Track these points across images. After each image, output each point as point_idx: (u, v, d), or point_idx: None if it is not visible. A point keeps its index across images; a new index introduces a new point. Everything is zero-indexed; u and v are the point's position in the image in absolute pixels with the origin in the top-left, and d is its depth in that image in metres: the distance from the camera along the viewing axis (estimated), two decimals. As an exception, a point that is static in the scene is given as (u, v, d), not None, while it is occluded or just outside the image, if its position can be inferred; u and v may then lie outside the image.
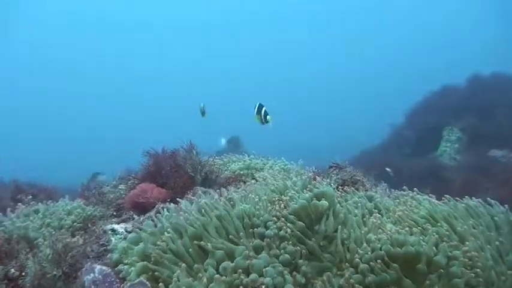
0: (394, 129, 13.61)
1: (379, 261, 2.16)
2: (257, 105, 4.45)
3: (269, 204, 2.51)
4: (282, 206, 2.43)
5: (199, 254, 2.31)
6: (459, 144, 9.93)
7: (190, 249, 2.30)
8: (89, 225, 3.08)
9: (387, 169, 7.93)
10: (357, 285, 2.09)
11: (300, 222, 2.35)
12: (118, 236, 3.02)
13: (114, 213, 3.54)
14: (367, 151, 13.18)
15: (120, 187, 4.16)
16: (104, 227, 3.13)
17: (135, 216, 3.38)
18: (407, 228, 2.33)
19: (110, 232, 3.07)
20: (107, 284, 1.96)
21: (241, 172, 4.10)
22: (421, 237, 2.27)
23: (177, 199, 2.85)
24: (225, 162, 4.44)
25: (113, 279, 2.00)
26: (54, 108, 32.26)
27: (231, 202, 2.59)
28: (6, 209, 3.05)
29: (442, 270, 2.10)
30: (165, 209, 2.73)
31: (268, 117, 4.39)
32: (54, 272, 2.30)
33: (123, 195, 3.85)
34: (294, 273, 2.17)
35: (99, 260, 2.49)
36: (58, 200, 3.46)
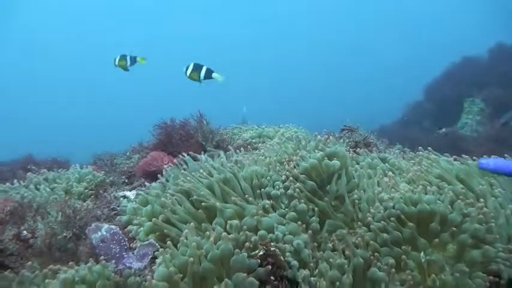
0: (413, 103, 13.21)
1: (392, 218, 2.09)
2: (191, 65, 4.31)
3: (279, 165, 2.45)
4: (292, 165, 2.36)
5: (207, 215, 2.28)
6: (481, 115, 9.59)
7: (199, 210, 2.26)
8: (100, 192, 3.09)
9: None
10: (371, 242, 2.03)
11: (310, 182, 2.29)
12: (130, 202, 3.01)
13: (126, 181, 3.54)
14: (385, 126, 12.87)
15: (133, 158, 4.17)
16: (115, 193, 3.14)
17: (147, 184, 3.37)
18: (421, 187, 2.24)
19: (121, 199, 3.08)
20: (114, 242, 1.95)
21: (253, 140, 4.04)
22: (436, 196, 2.18)
23: (184, 157, 2.81)
24: (236, 132, 4.39)
25: (121, 237, 1.98)
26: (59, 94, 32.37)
27: (238, 165, 2.54)
28: (14, 179, 3.06)
29: (454, 229, 2.02)
30: (171, 173, 2.69)
31: (214, 74, 4.30)
32: (65, 234, 2.31)
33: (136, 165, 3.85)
34: (303, 226, 2.12)
35: (109, 223, 2.49)
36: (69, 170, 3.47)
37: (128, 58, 4.76)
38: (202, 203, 2.23)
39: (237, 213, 2.18)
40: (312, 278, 1.97)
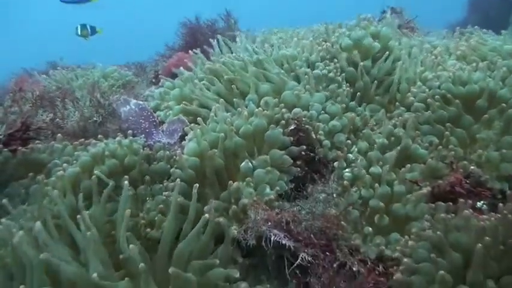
0: (456, 21, 12.11)
1: (437, 97, 1.94)
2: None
3: (316, 46, 2.28)
4: (332, 42, 2.18)
5: (239, 94, 2.18)
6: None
7: (232, 85, 2.15)
8: (128, 89, 3.05)
9: None
10: (412, 119, 1.90)
11: (352, 61, 2.12)
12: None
13: (153, 80, 3.48)
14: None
15: (159, 64, 4.08)
16: (142, 91, 3.09)
17: (174, 83, 3.31)
18: (474, 64, 2.03)
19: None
20: (143, 117, 1.91)
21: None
22: (487, 73, 1.98)
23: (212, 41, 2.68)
24: (267, 35, 4.15)
25: (149, 113, 1.94)
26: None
27: (269, 47, 2.39)
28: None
29: (504, 105, 1.85)
30: (199, 59, 2.58)
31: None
32: (95, 118, 2.30)
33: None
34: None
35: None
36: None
37: (89, 28, 5.41)
38: (235, 74, 2.09)
39: (273, 90, 2.07)
40: (350, 155, 1.88)
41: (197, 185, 1.61)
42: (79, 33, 5.33)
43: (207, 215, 1.51)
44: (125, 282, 1.44)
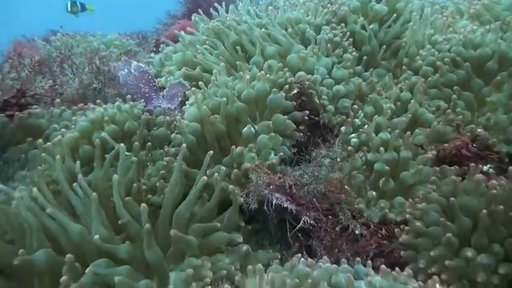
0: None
1: (446, 59, 1.86)
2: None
3: (321, 9, 2.19)
4: (338, 3, 2.10)
5: (243, 58, 2.10)
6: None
7: (236, 47, 2.08)
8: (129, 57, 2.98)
9: None
10: (421, 83, 1.83)
11: (359, 23, 2.03)
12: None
13: (154, 49, 3.40)
14: None
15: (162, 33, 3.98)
16: (143, 59, 3.02)
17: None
18: (487, 26, 1.94)
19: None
20: (143, 81, 1.84)
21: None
22: (499, 34, 1.90)
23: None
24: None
25: (150, 76, 1.87)
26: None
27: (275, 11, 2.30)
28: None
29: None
30: (201, 22, 2.50)
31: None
32: (94, 85, 2.25)
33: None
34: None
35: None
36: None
37: (79, 4, 5.42)
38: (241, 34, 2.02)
39: (279, 53, 1.99)
40: (356, 120, 1.83)
41: (211, 152, 1.59)
42: (69, 9, 5.35)
43: (205, 177, 1.48)
44: (126, 245, 1.43)
